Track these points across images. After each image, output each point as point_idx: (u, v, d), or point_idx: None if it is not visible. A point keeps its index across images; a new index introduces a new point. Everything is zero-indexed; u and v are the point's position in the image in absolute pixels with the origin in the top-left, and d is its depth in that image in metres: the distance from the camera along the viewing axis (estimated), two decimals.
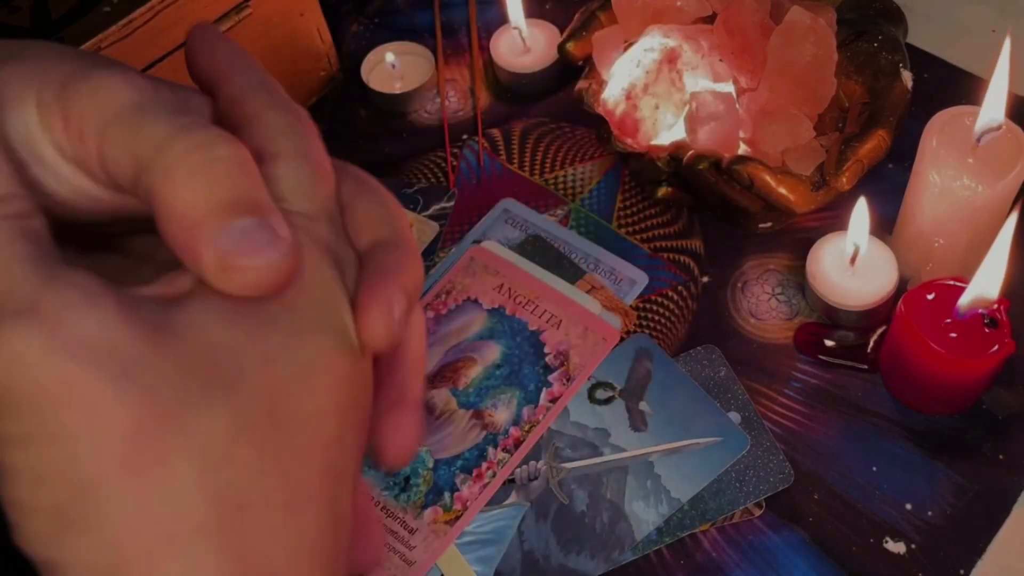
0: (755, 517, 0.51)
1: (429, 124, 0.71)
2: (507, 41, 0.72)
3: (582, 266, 0.61)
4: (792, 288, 0.60)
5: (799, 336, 0.57)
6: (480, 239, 0.63)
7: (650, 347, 0.57)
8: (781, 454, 0.53)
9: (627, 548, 0.51)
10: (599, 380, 0.56)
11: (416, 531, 0.52)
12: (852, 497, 0.52)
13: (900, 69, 0.58)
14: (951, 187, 0.52)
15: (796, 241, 0.61)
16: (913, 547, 0.50)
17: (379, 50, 0.73)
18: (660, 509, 0.51)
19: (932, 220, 0.54)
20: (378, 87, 0.71)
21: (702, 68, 0.61)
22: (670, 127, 0.61)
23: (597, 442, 0.54)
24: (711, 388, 0.55)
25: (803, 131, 0.58)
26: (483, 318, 0.59)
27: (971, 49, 0.69)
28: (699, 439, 0.53)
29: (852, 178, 0.56)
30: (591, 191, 0.65)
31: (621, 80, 0.60)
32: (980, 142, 0.52)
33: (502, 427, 0.55)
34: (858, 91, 0.59)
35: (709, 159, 0.56)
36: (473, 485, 0.53)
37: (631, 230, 0.63)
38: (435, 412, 0.56)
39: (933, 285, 0.52)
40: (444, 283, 0.61)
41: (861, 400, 0.55)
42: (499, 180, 0.67)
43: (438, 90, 0.72)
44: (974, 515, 0.51)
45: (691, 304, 0.60)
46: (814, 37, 0.57)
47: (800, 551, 0.50)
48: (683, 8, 0.62)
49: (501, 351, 0.58)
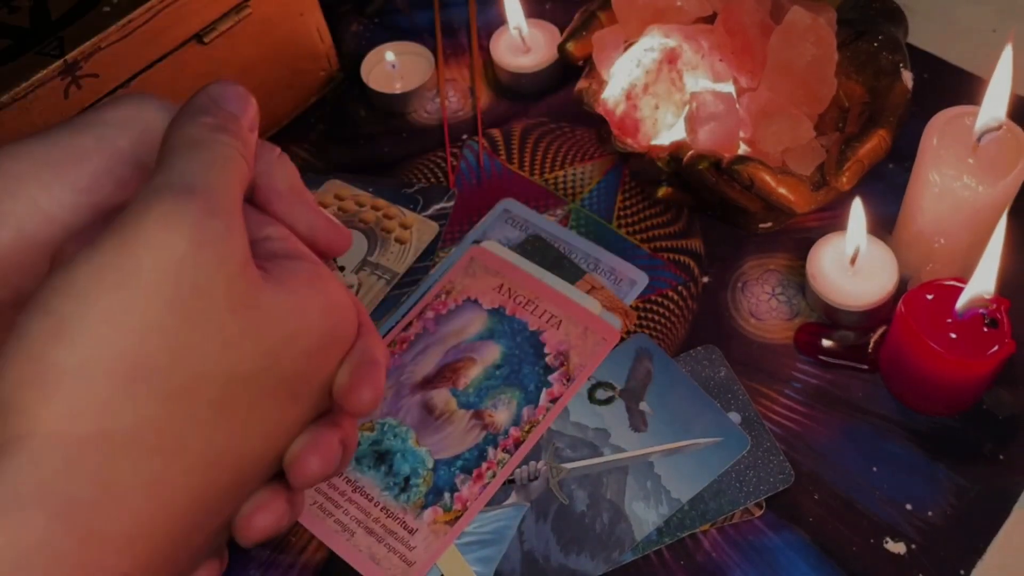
0: (755, 517, 0.51)
1: (429, 124, 0.71)
2: (507, 41, 0.72)
3: (582, 266, 0.61)
4: (792, 288, 0.60)
5: (799, 336, 0.57)
6: (480, 239, 0.63)
7: (650, 347, 0.57)
8: (781, 454, 0.53)
9: (627, 548, 0.51)
10: (599, 380, 0.56)
11: (416, 531, 0.52)
12: (852, 497, 0.52)
13: (900, 69, 0.58)
14: (951, 187, 0.52)
15: (796, 241, 0.61)
16: (913, 547, 0.50)
17: (379, 50, 0.73)
18: (660, 509, 0.51)
19: (932, 220, 0.54)
20: (378, 87, 0.71)
21: (702, 68, 0.61)
22: (670, 127, 0.61)
23: (597, 442, 0.54)
24: (711, 388, 0.55)
25: (803, 131, 0.58)
26: (483, 318, 0.59)
27: (971, 49, 0.69)
28: (699, 439, 0.53)
29: (852, 178, 0.56)
30: (591, 191, 0.65)
31: (621, 80, 0.60)
32: (980, 142, 0.52)
33: (502, 427, 0.55)
34: (858, 91, 0.59)
35: (709, 159, 0.56)
36: (473, 485, 0.53)
37: (631, 230, 0.63)
38: (435, 412, 0.56)
39: (933, 285, 0.52)
40: (444, 283, 0.61)
41: (861, 400, 0.55)
42: (499, 180, 0.67)
43: (438, 90, 0.72)
44: (974, 515, 0.51)
45: (691, 304, 0.60)
46: (814, 37, 0.57)
47: (800, 551, 0.50)
48: (683, 8, 0.62)
49: (501, 351, 0.58)
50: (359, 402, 0.31)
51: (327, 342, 0.31)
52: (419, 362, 0.58)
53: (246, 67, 0.65)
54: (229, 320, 0.27)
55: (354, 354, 0.32)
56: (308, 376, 0.30)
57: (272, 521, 0.31)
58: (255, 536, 0.31)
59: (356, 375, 0.31)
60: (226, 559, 0.32)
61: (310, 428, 0.31)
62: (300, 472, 0.30)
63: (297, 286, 0.30)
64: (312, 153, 0.69)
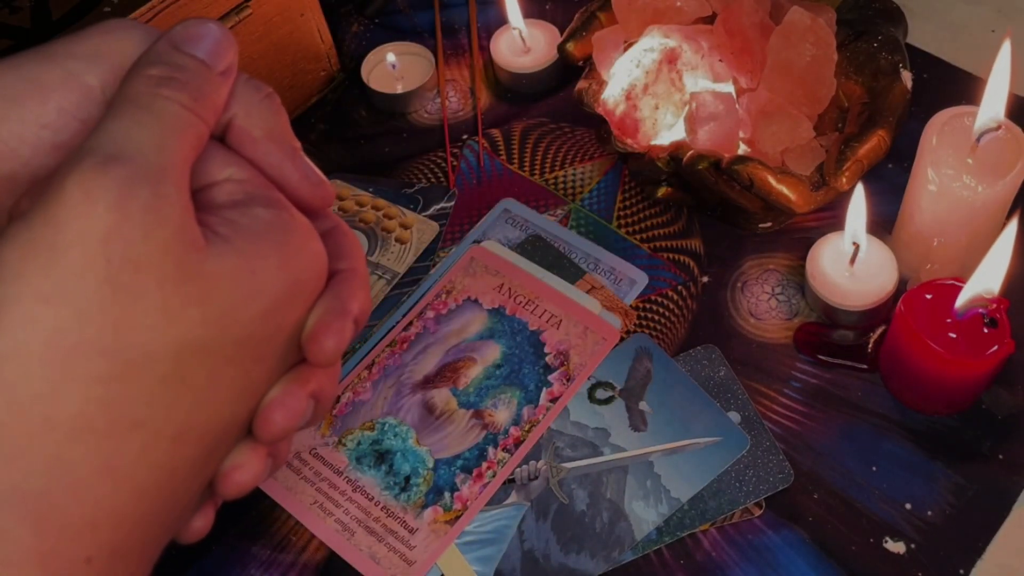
0: (755, 517, 0.52)
1: (429, 124, 0.71)
2: (507, 41, 0.72)
3: (582, 266, 0.61)
4: (792, 288, 0.60)
5: (799, 336, 0.57)
6: (480, 239, 0.63)
7: (650, 347, 0.57)
8: (781, 454, 0.53)
9: (627, 548, 0.51)
10: (599, 380, 0.56)
11: (416, 531, 0.52)
12: (852, 497, 0.52)
13: (900, 69, 0.58)
14: (951, 187, 0.52)
15: (796, 241, 0.61)
16: (913, 547, 0.50)
17: (379, 50, 0.73)
18: (660, 509, 0.52)
19: (931, 220, 0.54)
20: (378, 87, 0.71)
21: (702, 68, 0.61)
22: (670, 127, 0.61)
23: (597, 442, 0.54)
24: (711, 388, 0.55)
25: (803, 131, 0.58)
26: (483, 318, 0.59)
27: (971, 49, 0.69)
28: (699, 439, 0.54)
29: (852, 178, 0.56)
30: (591, 191, 0.65)
31: (621, 80, 0.60)
32: (979, 142, 0.52)
33: (502, 427, 0.55)
34: (858, 91, 0.59)
35: (709, 159, 0.56)
36: (473, 485, 0.53)
37: (631, 230, 0.63)
38: (435, 412, 0.56)
39: (932, 285, 0.52)
40: (444, 283, 0.61)
41: (861, 400, 0.55)
42: (499, 180, 0.67)
43: (438, 90, 0.72)
44: (974, 515, 0.51)
45: (691, 304, 0.60)
46: (814, 37, 0.57)
47: (800, 551, 0.50)
48: (683, 8, 0.62)
49: (501, 351, 0.58)
50: (320, 352, 0.30)
51: (288, 297, 0.29)
52: (419, 361, 0.58)
53: (246, 67, 0.65)
54: (170, 291, 0.26)
55: (322, 302, 0.30)
56: (269, 335, 0.29)
57: (251, 477, 0.30)
58: (236, 492, 0.30)
59: (319, 324, 0.30)
60: (219, 502, 0.31)
61: (279, 382, 0.30)
62: (265, 429, 0.30)
63: (248, 242, 0.28)
64: (312, 153, 0.69)
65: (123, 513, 0.26)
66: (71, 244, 0.25)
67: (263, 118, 0.31)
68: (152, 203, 0.26)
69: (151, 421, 0.26)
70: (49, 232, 0.25)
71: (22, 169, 0.29)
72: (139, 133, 0.27)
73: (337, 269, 0.32)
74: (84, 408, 0.25)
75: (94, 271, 0.25)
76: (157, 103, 0.28)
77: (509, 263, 0.61)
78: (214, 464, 0.29)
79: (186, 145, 0.28)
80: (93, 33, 0.30)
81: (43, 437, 0.24)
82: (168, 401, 0.26)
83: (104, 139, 0.26)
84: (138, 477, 0.26)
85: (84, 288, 0.25)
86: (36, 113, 0.29)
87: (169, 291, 0.26)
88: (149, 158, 0.26)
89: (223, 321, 0.27)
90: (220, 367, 0.27)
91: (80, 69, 0.29)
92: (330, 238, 0.32)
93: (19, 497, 0.24)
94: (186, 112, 0.28)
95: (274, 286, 0.28)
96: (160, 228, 0.26)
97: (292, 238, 0.29)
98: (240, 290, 0.27)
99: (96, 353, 0.25)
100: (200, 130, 0.28)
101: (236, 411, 0.29)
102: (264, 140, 0.31)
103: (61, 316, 0.24)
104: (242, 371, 0.28)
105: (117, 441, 0.26)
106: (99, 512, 0.26)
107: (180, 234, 0.26)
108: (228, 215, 0.28)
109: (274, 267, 0.28)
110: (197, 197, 0.28)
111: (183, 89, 0.28)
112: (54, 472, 0.25)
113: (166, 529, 0.29)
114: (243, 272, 0.28)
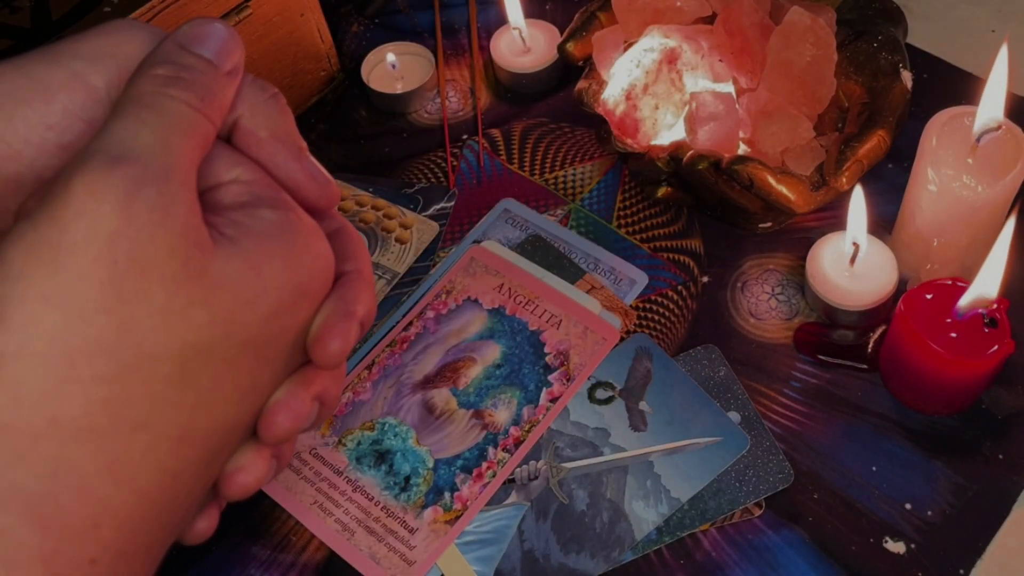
0: (755, 517, 0.52)
1: (429, 124, 0.71)
2: (507, 41, 0.72)
3: (582, 266, 0.61)
4: (792, 288, 0.60)
5: (799, 336, 0.57)
6: (480, 239, 0.63)
7: (650, 347, 0.57)
8: (781, 454, 0.53)
9: (627, 548, 0.51)
10: (599, 380, 0.56)
11: (416, 531, 0.52)
12: (852, 497, 0.52)
13: (900, 69, 0.58)
14: (951, 187, 0.52)
15: (796, 241, 0.61)
16: (913, 547, 0.50)
17: (379, 50, 0.73)
18: (660, 509, 0.52)
19: (931, 220, 0.54)
20: (378, 87, 0.71)
21: (702, 68, 0.61)
22: (670, 127, 0.61)
23: (597, 442, 0.54)
24: (711, 388, 0.55)
25: (803, 131, 0.58)
26: (483, 318, 0.59)
27: (971, 49, 0.69)
28: (699, 439, 0.54)
29: (852, 178, 0.56)
30: (591, 191, 0.65)
31: (621, 80, 0.60)
32: (979, 142, 0.52)
33: (502, 427, 0.55)
34: (858, 91, 0.59)
35: (709, 159, 0.56)
36: (473, 485, 0.53)
37: (631, 230, 0.63)
38: (435, 412, 0.56)
39: (932, 285, 0.52)
40: (444, 283, 0.61)
41: (861, 400, 0.55)
42: (499, 180, 0.67)
43: (438, 90, 0.72)
44: (974, 515, 0.51)
45: (691, 304, 0.60)
46: (813, 37, 0.57)
47: (800, 551, 0.50)
48: (683, 8, 0.62)
49: (501, 351, 0.58)
50: (325, 354, 0.30)
51: (294, 299, 0.29)
52: (419, 361, 0.58)
53: (246, 67, 0.65)
54: (175, 292, 0.26)
55: (327, 304, 0.30)
56: (275, 337, 0.29)
57: (255, 479, 0.30)
58: (240, 494, 0.30)
59: (324, 326, 0.30)
60: (223, 503, 0.31)
61: (284, 384, 0.30)
62: (269, 431, 0.29)
63: (255, 243, 0.28)
64: (313, 153, 0.69)
65: (126, 514, 0.26)
66: (76, 244, 0.24)
67: (269, 118, 0.31)
68: (158, 203, 0.26)
69: (155, 422, 0.26)
70: (55, 232, 0.25)
71: (27, 170, 0.29)
72: (145, 133, 0.26)
73: (343, 271, 0.31)
74: (88, 409, 0.25)
75: (99, 272, 0.25)
76: (163, 103, 0.27)
77: (509, 263, 0.61)
78: (218, 466, 0.29)
79: (193, 145, 0.28)
80: (98, 33, 0.30)
81: (47, 437, 0.24)
82: (172, 402, 0.26)
83: (110, 139, 0.26)
84: (142, 478, 0.26)
85: (89, 288, 0.25)
86: (41, 114, 0.29)
87: (174, 292, 0.26)
88: (155, 158, 0.26)
89: (228, 322, 0.27)
90: (225, 369, 0.27)
91: (85, 69, 0.29)
92: (336, 239, 0.32)
93: (22, 497, 0.24)
94: (193, 112, 0.28)
95: (280, 288, 0.28)
96: (166, 229, 0.26)
97: (298, 239, 0.29)
98: (246, 292, 0.27)
99: (100, 353, 0.25)
100: (207, 130, 0.28)
101: (240, 413, 0.29)
102: (270, 140, 0.30)
103: (66, 316, 0.24)
104: (247, 373, 0.28)
105: (121, 442, 0.25)
106: (102, 513, 0.25)
107: (186, 235, 0.26)
108: (234, 216, 0.28)
109: (280, 269, 0.28)
110: (203, 198, 0.28)
111: (190, 89, 0.28)
112: (58, 472, 0.25)
113: (170, 531, 0.28)
114: (249, 274, 0.27)
